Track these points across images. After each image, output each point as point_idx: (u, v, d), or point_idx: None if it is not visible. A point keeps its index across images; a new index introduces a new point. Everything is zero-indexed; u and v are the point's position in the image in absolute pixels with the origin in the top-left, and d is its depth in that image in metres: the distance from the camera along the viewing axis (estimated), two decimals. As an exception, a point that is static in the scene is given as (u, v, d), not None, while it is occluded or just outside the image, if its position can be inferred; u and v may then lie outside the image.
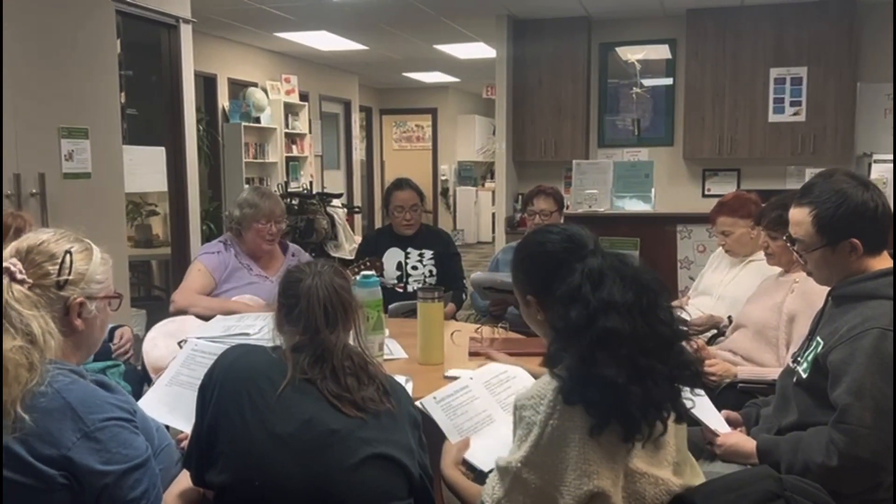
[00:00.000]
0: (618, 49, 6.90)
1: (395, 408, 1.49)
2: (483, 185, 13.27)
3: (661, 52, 6.82)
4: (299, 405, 1.43)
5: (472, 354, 2.42)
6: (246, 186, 7.88)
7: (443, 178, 12.99)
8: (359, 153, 11.29)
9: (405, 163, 13.12)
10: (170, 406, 1.82)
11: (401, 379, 1.94)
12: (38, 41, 3.74)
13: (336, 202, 7.88)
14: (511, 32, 6.82)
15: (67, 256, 1.43)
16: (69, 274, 1.42)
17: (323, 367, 1.46)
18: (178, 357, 1.92)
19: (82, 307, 1.45)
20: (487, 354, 2.35)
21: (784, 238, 1.98)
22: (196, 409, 1.50)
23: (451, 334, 2.58)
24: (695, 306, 3.10)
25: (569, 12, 6.51)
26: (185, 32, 5.04)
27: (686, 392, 1.39)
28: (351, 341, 1.56)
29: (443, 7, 6.42)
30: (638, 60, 6.87)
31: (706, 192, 6.66)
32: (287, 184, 8.37)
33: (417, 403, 1.76)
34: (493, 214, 8.70)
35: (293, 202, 7.40)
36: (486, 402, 1.80)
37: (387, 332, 2.50)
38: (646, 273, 1.38)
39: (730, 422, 2.05)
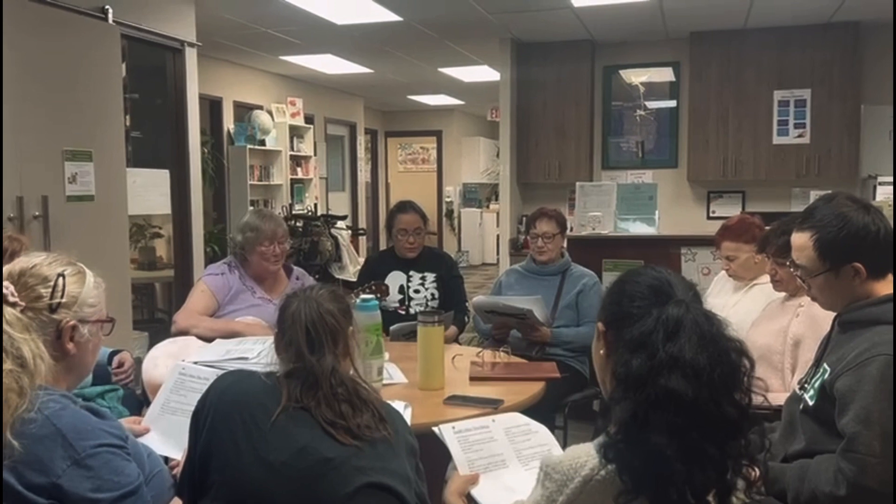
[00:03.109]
0: (621, 72, 6.92)
1: (391, 435, 1.46)
2: (488, 206, 13.29)
3: (665, 74, 6.83)
4: (293, 433, 1.41)
5: (473, 379, 2.39)
6: (250, 209, 7.90)
7: (448, 199, 13.02)
8: (364, 175, 11.32)
9: (410, 185, 13.14)
10: (162, 434, 1.79)
11: (399, 405, 1.92)
12: (44, 65, 3.77)
13: (340, 224, 7.88)
14: (514, 55, 6.85)
15: (60, 279, 1.43)
16: (62, 297, 1.42)
17: (316, 393, 1.44)
18: (167, 383, 1.90)
19: (74, 330, 1.44)
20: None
21: (787, 263, 1.96)
22: (189, 435, 1.48)
23: (453, 358, 2.56)
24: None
25: (572, 35, 6.54)
26: (190, 56, 5.07)
27: None
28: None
29: (446, 31, 6.46)
30: (641, 83, 6.88)
31: (711, 215, 6.64)
32: (291, 206, 8.38)
33: (434, 429, 1.74)
34: (498, 236, 8.68)
35: (297, 224, 7.40)
36: (503, 446, 1.77)
37: (387, 355, 2.47)
38: (730, 340, 1.22)
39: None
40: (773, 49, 6.24)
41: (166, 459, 1.72)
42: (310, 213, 8.07)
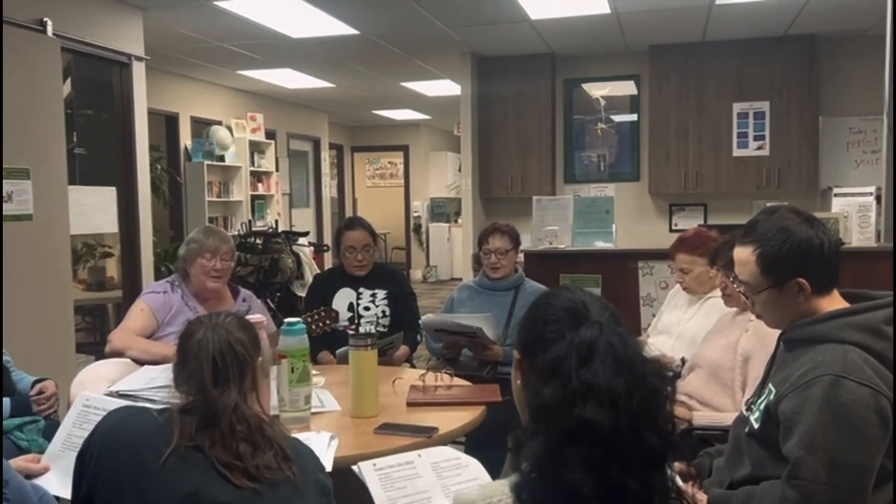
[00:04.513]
0: (583, 85, 6.89)
1: (296, 475, 1.33)
2: (456, 221, 13.20)
3: (626, 88, 6.83)
4: (183, 476, 1.28)
5: (411, 405, 2.27)
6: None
7: (415, 214, 12.93)
8: (330, 190, 11.18)
9: (378, 199, 13.04)
10: (62, 472, 1.64)
11: (325, 437, 1.80)
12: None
13: (302, 240, 7.73)
14: (475, 70, 6.79)
15: None
16: None
17: (213, 431, 1.31)
18: (69, 416, 1.76)
19: None
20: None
21: (731, 279, 1.88)
22: (73, 478, 1.34)
23: (393, 382, 2.44)
24: (653, 346, 2.99)
25: (532, 49, 6.50)
26: (138, 70, 4.93)
27: None
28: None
29: (406, 45, 6.39)
30: (603, 96, 6.87)
31: (673, 227, 6.61)
32: (251, 223, 8.22)
33: (353, 467, 1.62)
34: (464, 251, 8.59)
35: (257, 241, 7.24)
36: (429, 482, 1.65)
37: (321, 381, 2.35)
38: (648, 363, 1.14)
39: (683, 475, 1.92)
40: (731, 62, 6.26)
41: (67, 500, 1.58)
42: (270, 230, 7.92)
